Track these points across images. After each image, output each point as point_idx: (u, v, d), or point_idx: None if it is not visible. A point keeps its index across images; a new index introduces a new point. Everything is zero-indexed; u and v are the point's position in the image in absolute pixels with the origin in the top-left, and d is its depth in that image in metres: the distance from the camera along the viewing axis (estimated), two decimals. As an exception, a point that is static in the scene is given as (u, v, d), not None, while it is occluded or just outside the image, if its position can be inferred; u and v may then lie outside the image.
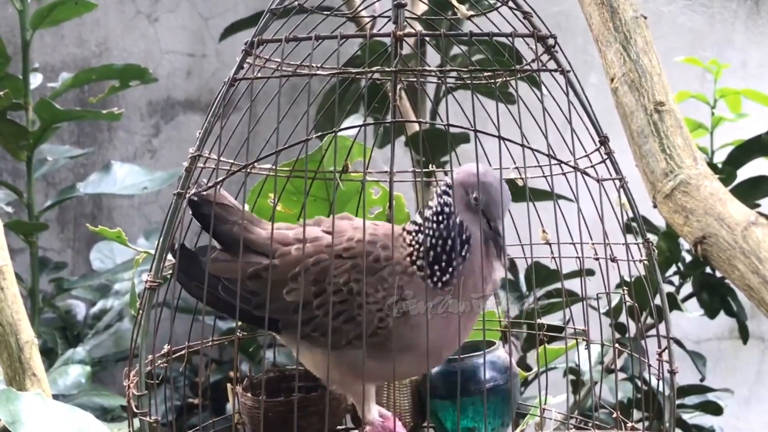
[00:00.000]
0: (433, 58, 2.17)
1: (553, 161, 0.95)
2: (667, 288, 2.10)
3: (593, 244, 1.01)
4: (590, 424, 1.08)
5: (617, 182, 0.97)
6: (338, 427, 1.11)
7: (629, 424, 1.02)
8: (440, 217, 0.95)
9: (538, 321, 1.06)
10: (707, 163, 1.20)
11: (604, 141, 0.97)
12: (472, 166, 0.95)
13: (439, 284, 0.94)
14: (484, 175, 0.93)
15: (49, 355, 2.00)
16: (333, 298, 0.93)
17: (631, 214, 0.98)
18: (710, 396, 2.19)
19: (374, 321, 0.93)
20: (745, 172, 2.01)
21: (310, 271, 0.94)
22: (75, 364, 1.95)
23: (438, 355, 0.97)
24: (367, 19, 1.20)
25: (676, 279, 2.13)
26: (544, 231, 1.04)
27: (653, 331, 1.00)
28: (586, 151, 0.98)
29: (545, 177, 0.99)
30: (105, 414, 1.90)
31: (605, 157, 0.97)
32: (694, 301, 2.15)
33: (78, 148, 2.32)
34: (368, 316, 0.93)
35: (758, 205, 1.99)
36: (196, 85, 2.56)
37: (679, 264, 2.11)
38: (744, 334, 2.16)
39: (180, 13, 2.54)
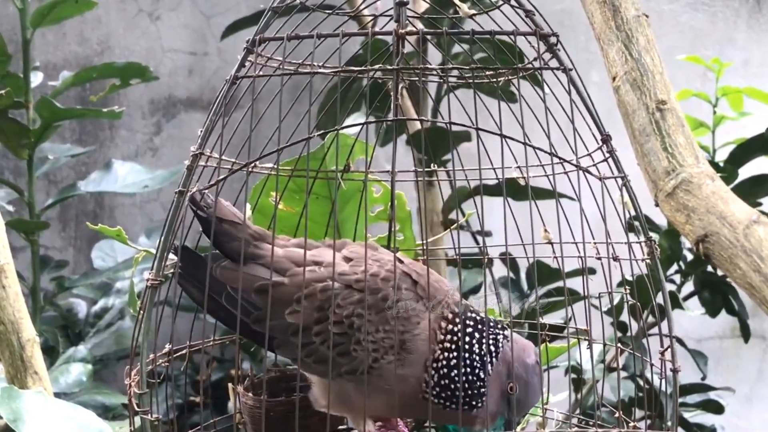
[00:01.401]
0: (434, 57, 2.17)
1: (555, 160, 0.95)
2: (669, 287, 2.10)
3: (595, 243, 1.00)
4: (592, 423, 1.08)
5: (619, 180, 0.97)
6: (340, 427, 1.11)
7: (631, 423, 1.02)
8: (472, 377, 0.93)
9: (540, 320, 1.05)
10: (708, 162, 1.20)
11: (606, 139, 0.96)
12: (523, 349, 0.95)
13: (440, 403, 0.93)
14: (531, 367, 0.94)
15: (50, 354, 2.00)
16: (333, 328, 0.92)
17: (633, 213, 0.98)
18: (711, 395, 2.18)
19: (368, 360, 0.92)
20: (746, 171, 2.01)
21: (316, 296, 0.93)
22: (76, 363, 1.95)
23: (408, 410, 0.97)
24: (369, 18, 1.20)
25: (677, 277, 2.13)
26: (546, 230, 1.04)
27: (655, 330, 0.99)
28: (588, 150, 0.97)
29: (547, 176, 0.99)
30: (106, 412, 1.90)
31: (607, 155, 0.97)
32: (695, 299, 2.15)
33: (79, 147, 2.33)
34: (363, 354, 0.92)
35: (760, 204, 1.99)
36: (198, 84, 2.56)
37: (681, 262, 2.11)
38: (745, 333, 2.16)
39: (182, 11, 2.54)
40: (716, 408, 2.17)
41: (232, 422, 1.07)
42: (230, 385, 1.08)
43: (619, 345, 1.06)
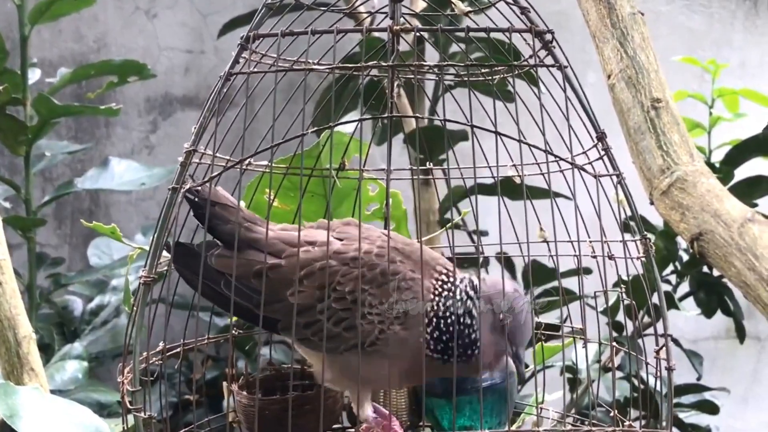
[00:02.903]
0: (432, 58, 2.16)
1: (551, 158, 0.95)
2: (664, 287, 2.10)
3: (591, 241, 1.00)
4: (587, 422, 1.08)
5: (614, 178, 0.96)
6: (334, 425, 1.11)
7: (626, 422, 1.02)
8: (463, 328, 0.95)
9: (536, 319, 1.05)
10: (705, 163, 1.20)
11: (601, 137, 0.96)
12: (500, 282, 0.97)
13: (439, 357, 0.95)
14: (514, 297, 0.95)
15: (46, 351, 2.00)
16: (336, 305, 0.93)
17: (628, 211, 0.98)
18: (707, 395, 2.19)
19: (374, 332, 0.93)
20: (742, 172, 2.01)
21: (316, 275, 0.94)
22: (72, 360, 1.95)
23: (411, 376, 0.97)
24: (364, 15, 1.19)
25: (673, 278, 2.13)
26: (541, 229, 1.04)
27: (650, 330, 1.00)
28: (583, 148, 0.97)
29: (542, 174, 0.99)
30: (102, 410, 1.90)
31: (602, 153, 0.96)
32: (691, 300, 2.15)
33: (76, 144, 2.32)
34: (369, 326, 0.92)
35: (756, 205, 1.99)
36: (194, 82, 2.56)
37: (676, 263, 2.11)
38: (741, 334, 2.16)
39: (179, 9, 2.53)
40: (711, 408, 2.17)
41: (225, 421, 1.07)
42: (224, 383, 1.08)
43: (614, 344, 1.06)
